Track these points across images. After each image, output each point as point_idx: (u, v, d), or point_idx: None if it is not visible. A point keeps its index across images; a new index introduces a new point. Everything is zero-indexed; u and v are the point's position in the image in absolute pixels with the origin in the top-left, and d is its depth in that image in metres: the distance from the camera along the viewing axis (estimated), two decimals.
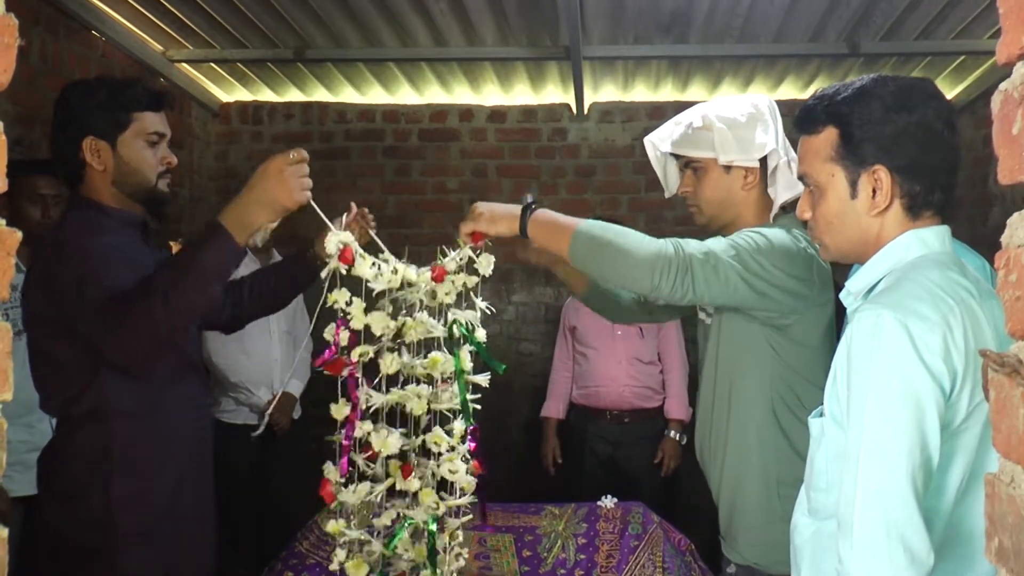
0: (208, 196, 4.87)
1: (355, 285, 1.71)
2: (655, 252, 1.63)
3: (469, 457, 1.82)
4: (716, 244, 1.70)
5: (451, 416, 1.82)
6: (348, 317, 1.69)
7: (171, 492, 1.88)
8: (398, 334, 1.77)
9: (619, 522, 2.88)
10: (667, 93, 4.73)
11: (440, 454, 1.77)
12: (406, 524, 1.73)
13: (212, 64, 4.41)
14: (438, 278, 1.78)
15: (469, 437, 1.82)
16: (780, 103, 1.98)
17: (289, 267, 2.29)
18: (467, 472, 1.79)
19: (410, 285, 1.76)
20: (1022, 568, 0.70)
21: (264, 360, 3.71)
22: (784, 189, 1.86)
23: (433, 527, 1.74)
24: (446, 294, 1.79)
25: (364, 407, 1.72)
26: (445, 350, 1.80)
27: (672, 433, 3.76)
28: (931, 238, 1.27)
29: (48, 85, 3.31)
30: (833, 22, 3.73)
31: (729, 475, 1.84)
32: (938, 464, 1.14)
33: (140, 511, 1.83)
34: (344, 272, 1.70)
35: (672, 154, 1.98)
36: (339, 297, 1.69)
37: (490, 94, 4.79)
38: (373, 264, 1.73)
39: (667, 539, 2.84)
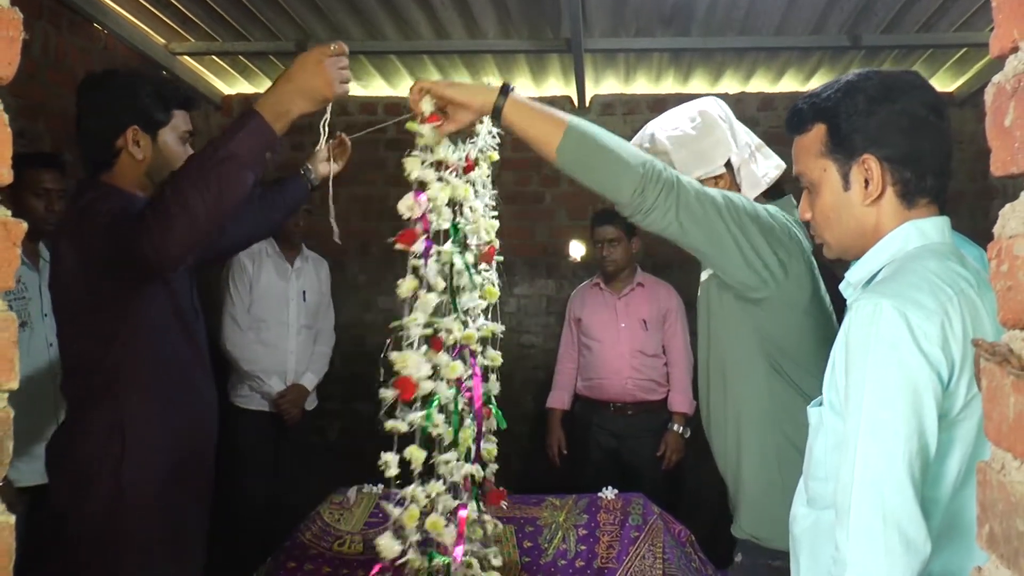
0: None
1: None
2: (645, 162, 1.59)
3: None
4: (710, 189, 1.66)
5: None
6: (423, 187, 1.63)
7: (177, 476, 1.90)
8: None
9: (620, 513, 2.89)
10: (668, 86, 4.73)
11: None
12: (436, 400, 1.70)
13: (214, 57, 4.42)
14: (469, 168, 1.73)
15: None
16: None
17: (285, 185, 2.40)
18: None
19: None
20: (1011, 554, 0.71)
21: (279, 351, 3.75)
22: (749, 187, 1.85)
23: (459, 407, 1.71)
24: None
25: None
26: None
27: (675, 426, 3.76)
28: (930, 229, 1.27)
29: (50, 78, 3.32)
30: (834, 15, 3.73)
31: (731, 448, 1.83)
32: (936, 453, 1.14)
33: (149, 491, 1.83)
34: (426, 134, 1.65)
35: None
36: (412, 165, 1.64)
37: None
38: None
39: (667, 530, 2.86)
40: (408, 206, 1.61)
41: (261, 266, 3.77)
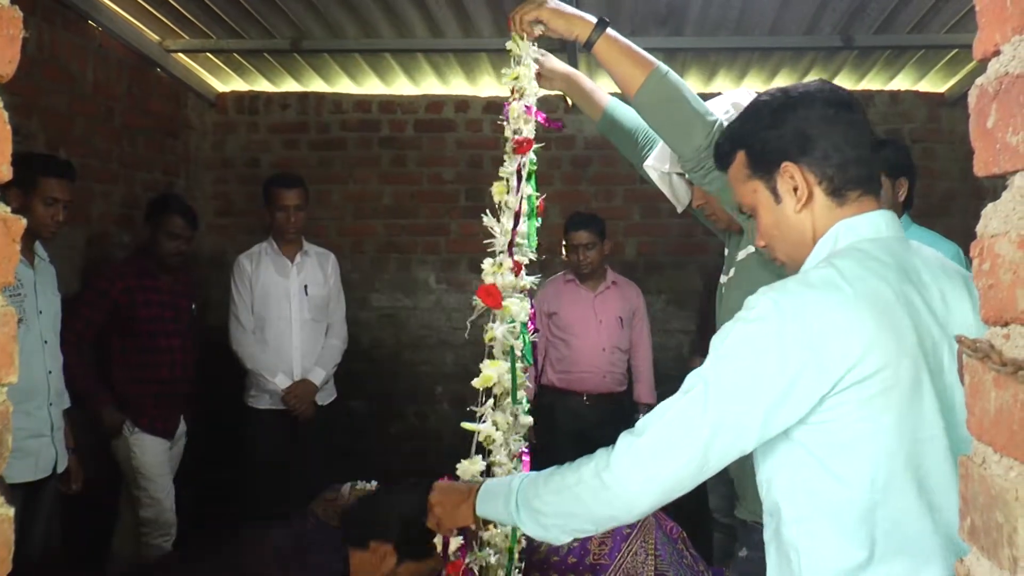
0: (204, 186, 4.89)
1: None
2: (716, 117, 1.66)
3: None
4: None
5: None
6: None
7: None
8: None
9: None
10: None
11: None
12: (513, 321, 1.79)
13: (209, 54, 4.42)
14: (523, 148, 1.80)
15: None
16: None
17: None
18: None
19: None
20: (991, 545, 0.72)
21: (283, 348, 3.75)
22: None
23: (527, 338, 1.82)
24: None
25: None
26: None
27: (642, 416, 3.81)
28: (863, 225, 1.27)
29: (45, 75, 3.32)
30: (827, 15, 3.75)
31: None
32: (841, 448, 1.16)
33: None
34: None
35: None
36: (522, 72, 1.79)
37: (486, 85, 4.81)
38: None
39: (659, 527, 2.87)
40: (520, 116, 1.76)
41: (260, 265, 3.77)
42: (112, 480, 3.46)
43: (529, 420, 1.87)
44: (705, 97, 1.83)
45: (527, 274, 1.81)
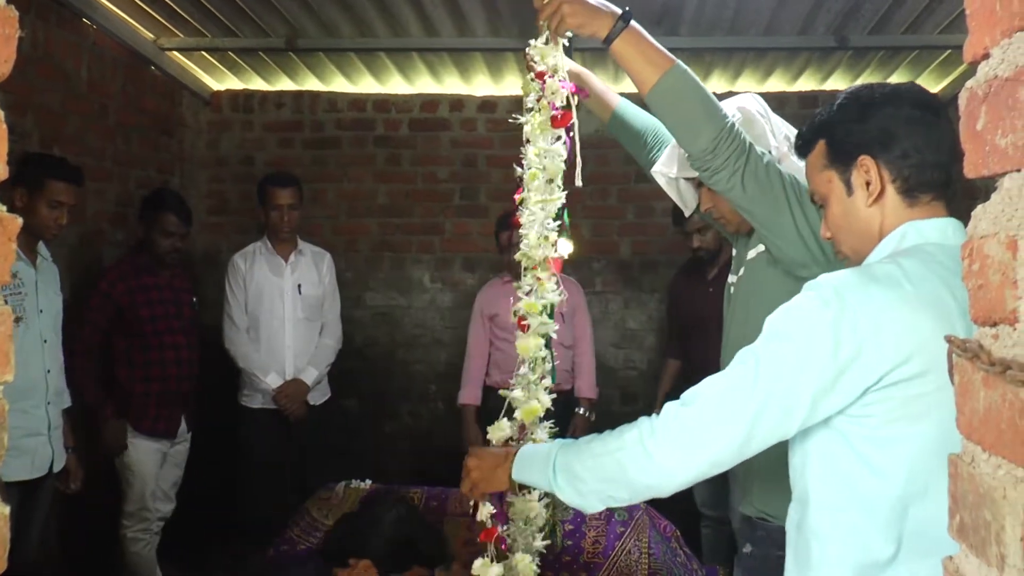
0: (199, 185, 4.88)
1: None
2: (728, 123, 1.67)
3: None
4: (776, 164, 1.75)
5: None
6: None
7: None
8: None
9: (606, 508, 2.91)
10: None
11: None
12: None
13: (203, 52, 4.42)
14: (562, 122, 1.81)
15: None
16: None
17: None
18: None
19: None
20: (979, 543, 0.73)
21: (274, 347, 3.76)
22: (797, 172, 1.90)
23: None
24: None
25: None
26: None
27: (583, 411, 3.84)
28: (929, 230, 1.28)
29: (39, 73, 3.31)
30: (822, 15, 3.76)
31: None
32: (878, 446, 1.17)
33: None
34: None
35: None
36: (549, 51, 1.78)
37: (481, 85, 4.81)
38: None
39: (653, 525, 2.88)
40: (556, 92, 1.77)
41: (254, 264, 3.77)
42: (112, 479, 3.45)
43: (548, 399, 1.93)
44: None
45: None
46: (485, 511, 1.71)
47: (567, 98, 1.80)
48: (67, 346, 2.99)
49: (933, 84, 4.67)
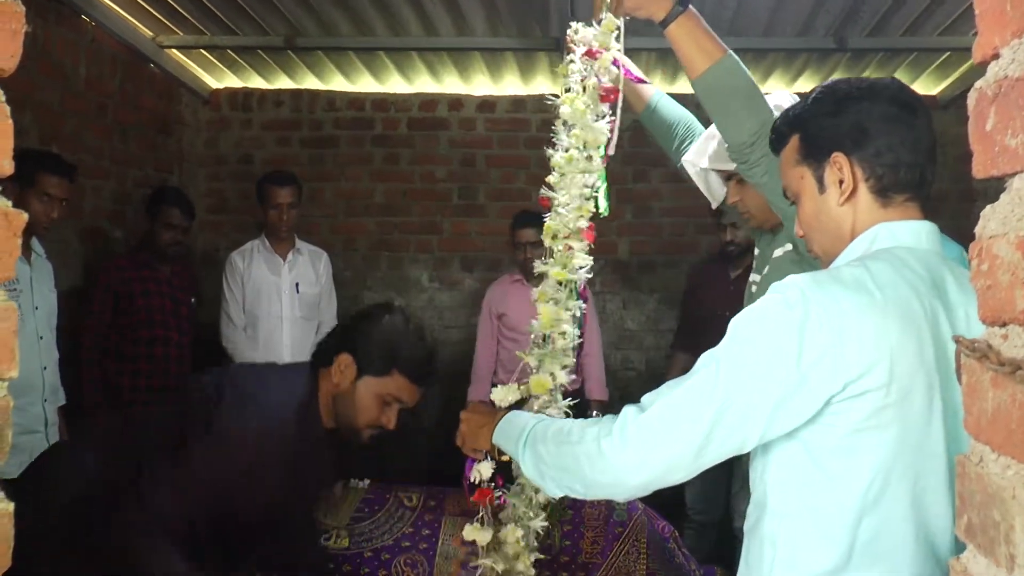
0: (197, 183, 4.87)
1: None
2: (772, 114, 1.67)
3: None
4: None
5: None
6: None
7: None
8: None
9: (604, 508, 2.91)
10: (656, 85, 4.74)
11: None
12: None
13: (202, 51, 4.41)
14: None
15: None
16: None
17: None
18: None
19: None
20: (988, 543, 0.73)
21: (271, 346, 3.76)
22: None
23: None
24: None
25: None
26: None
27: (594, 413, 3.86)
28: (902, 232, 1.25)
29: (37, 69, 3.30)
30: (821, 17, 3.77)
31: None
32: (839, 454, 1.14)
33: None
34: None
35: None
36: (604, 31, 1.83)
37: (480, 84, 4.81)
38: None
39: (651, 526, 2.88)
40: (605, 69, 1.79)
41: (252, 262, 3.78)
42: None
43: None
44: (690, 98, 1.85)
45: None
46: (484, 467, 1.68)
47: (617, 76, 1.82)
48: (75, 339, 3.01)
49: (932, 86, 4.68)
